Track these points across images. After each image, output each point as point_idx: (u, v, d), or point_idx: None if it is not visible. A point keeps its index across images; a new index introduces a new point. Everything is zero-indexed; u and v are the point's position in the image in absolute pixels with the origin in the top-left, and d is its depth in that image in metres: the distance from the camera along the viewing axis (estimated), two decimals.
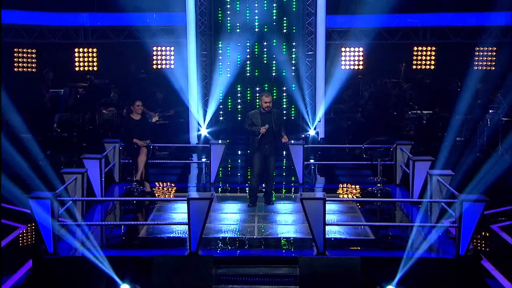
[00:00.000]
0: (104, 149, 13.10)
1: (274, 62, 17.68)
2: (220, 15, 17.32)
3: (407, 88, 18.63)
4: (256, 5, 17.13)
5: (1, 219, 10.65)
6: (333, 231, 10.23)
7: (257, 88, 17.63)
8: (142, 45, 18.60)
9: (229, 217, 11.14)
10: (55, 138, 16.32)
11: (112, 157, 13.21)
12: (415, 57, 19.35)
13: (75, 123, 16.80)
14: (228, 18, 17.29)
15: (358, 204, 11.84)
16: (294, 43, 17.46)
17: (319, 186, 13.79)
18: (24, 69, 18.69)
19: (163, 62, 18.71)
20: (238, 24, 17.36)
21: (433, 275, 9.08)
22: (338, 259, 9.08)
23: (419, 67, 19.37)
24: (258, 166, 11.39)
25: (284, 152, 15.59)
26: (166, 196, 12.89)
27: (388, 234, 10.29)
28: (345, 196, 12.90)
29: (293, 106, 17.85)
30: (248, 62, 17.69)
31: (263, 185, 11.77)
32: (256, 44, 17.63)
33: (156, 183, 13.57)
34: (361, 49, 18.61)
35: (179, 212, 11.25)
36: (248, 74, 17.84)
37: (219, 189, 13.27)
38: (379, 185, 13.00)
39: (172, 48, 18.64)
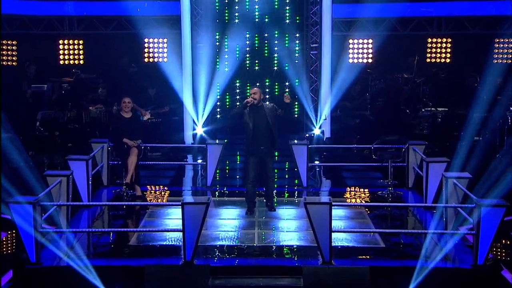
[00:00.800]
0: (91, 150, 13.10)
1: (275, 55, 17.69)
2: (217, 4, 17.33)
3: (421, 83, 18.63)
4: None
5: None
6: (340, 239, 10.23)
7: (258, 84, 17.63)
8: (133, 36, 18.60)
9: (227, 223, 11.14)
10: (37, 138, 16.32)
11: (100, 158, 13.21)
12: (429, 50, 19.33)
13: (60, 121, 16.80)
14: (226, 8, 17.30)
15: (367, 209, 11.85)
16: (297, 35, 17.47)
17: (324, 190, 13.79)
18: (4, 63, 18.68)
19: (156, 55, 18.70)
20: (236, 14, 17.37)
21: (449, 287, 9.08)
22: (345, 269, 9.08)
23: (433, 60, 19.36)
24: (252, 171, 11.35)
25: (287, 153, 15.62)
26: (159, 200, 12.89)
27: (399, 242, 10.29)
28: (353, 200, 12.90)
29: (296, 103, 17.85)
30: (247, 55, 17.70)
31: (264, 188, 11.76)
32: (256, 35, 17.64)
33: (148, 186, 13.57)
34: (370, 41, 18.61)
35: (173, 218, 11.25)
36: (247, 68, 17.84)
37: (216, 193, 13.27)
38: (389, 188, 13.00)
39: (165, 40, 18.64)
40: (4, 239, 10.80)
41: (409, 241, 10.34)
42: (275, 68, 17.70)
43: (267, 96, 17.77)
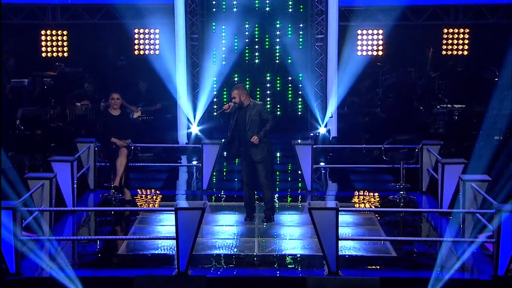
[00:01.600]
0: (77, 150, 13.10)
1: (277, 47, 17.69)
2: None
3: (435, 77, 18.63)
4: None
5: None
6: (348, 247, 10.23)
7: (258, 78, 17.64)
8: (122, 26, 18.59)
9: (225, 230, 11.14)
10: (17, 137, 16.31)
11: (86, 160, 13.21)
12: (444, 41, 19.34)
13: (42, 119, 16.79)
14: None
15: (377, 215, 11.85)
16: (301, 25, 17.47)
17: (330, 194, 13.78)
18: None
19: (147, 47, 18.71)
20: (235, 3, 17.37)
21: None
22: (354, 280, 9.07)
23: (449, 52, 19.36)
24: (244, 174, 11.40)
25: (290, 154, 15.61)
26: (150, 205, 12.89)
27: (412, 251, 10.29)
28: (362, 205, 12.90)
29: (300, 99, 17.86)
30: (247, 47, 17.70)
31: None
32: (256, 26, 17.64)
33: (138, 190, 13.57)
34: (380, 31, 18.61)
35: (166, 224, 11.25)
36: (247, 61, 17.85)
37: (213, 197, 13.27)
38: (401, 192, 13.01)
39: (157, 31, 18.64)
40: None
41: (423, 249, 10.34)
42: (277, 61, 17.70)
43: (268, 92, 17.80)
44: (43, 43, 19.05)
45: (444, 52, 19.37)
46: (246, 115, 11.16)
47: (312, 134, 16.88)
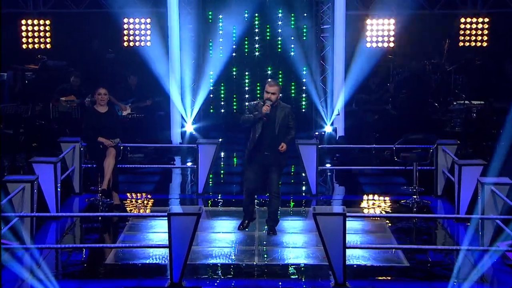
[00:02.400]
0: (61, 151, 13.11)
1: (279, 38, 17.71)
2: None
3: (452, 71, 18.64)
4: None
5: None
6: (356, 256, 10.23)
7: (258, 72, 17.65)
8: (110, 16, 18.61)
9: (222, 237, 11.15)
10: None
11: (70, 161, 13.22)
12: (462, 32, 19.35)
13: (23, 116, 16.79)
14: None
15: (387, 221, 11.85)
16: (305, 14, 17.49)
17: (337, 198, 13.79)
18: None
19: (137, 38, 18.71)
20: None
21: None
22: None
23: (467, 44, 19.38)
24: (251, 181, 11.09)
25: (293, 155, 15.61)
26: (141, 211, 12.90)
27: (426, 260, 10.30)
28: (371, 211, 12.91)
29: (303, 95, 17.87)
30: (246, 39, 17.71)
31: (266, 197, 11.71)
32: (256, 15, 17.65)
33: (128, 194, 13.58)
34: (392, 21, 18.62)
35: (158, 231, 11.26)
36: (246, 54, 17.86)
37: (209, 202, 13.28)
38: (415, 196, 13.01)
39: (148, 21, 18.65)
40: None
41: (438, 259, 10.34)
42: (279, 53, 17.71)
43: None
44: (23, 34, 19.06)
45: (461, 44, 19.38)
46: (276, 117, 10.94)
47: (317, 133, 16.89)
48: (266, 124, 10.92)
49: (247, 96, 17.83)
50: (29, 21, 19.02)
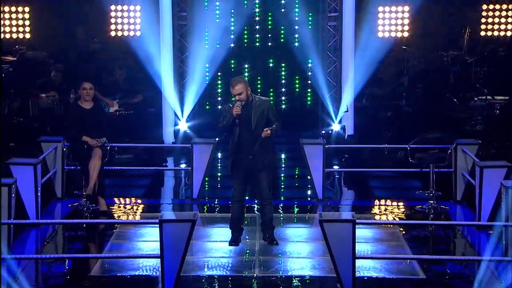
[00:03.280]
0: (41, 151, 13.10)
1: (282, 27, 17.70)
2: None
3: (473, 63, 18.64)
4: None
5: None
6: (366, 267, 10.24)
7: (259, 65, 17.65)
8: (95, 2, 18.61)
9: (219, 247, 11.15)
10: None
11: (52, 162, 13.22)
12: (484, 19, 19.33)
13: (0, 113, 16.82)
14: None
15: (401, 228, 11.85)
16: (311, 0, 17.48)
17: (346, 204, 13.80)
18: None
19: (125, 27, 18.69)
20: None
21: None
22: None
23: (489, 33, 19.36)
24: (238, 189, 11.06)
25: (297, 155, 15.62)
26: (130, 217, 12.90)
27: (444, 272, 10.30)
28: (383, 217, 12.91)
29: (309, 90, 17.86)
30: (245, 28, 17.71)
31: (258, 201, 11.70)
32: (257, 2, 17.65)
33: (116, 198, 13.58)
34: (406, 8, 18.60)
35: (148, 240, 11.27)
36: (245, 45, 17.86)
37: (205, 207, 13.29)
38: (431, 201, 13.01)
39: (137, 8, 18.62)
40: None
41: (457, 270, 10.35)
42: (282, 44, 17.71)
43: (271, 81, 17.80)
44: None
45: (482, 33, 19.36)
46: (251, 113, 10.87)
47: (323, 132, 16.90)
48: (242, 125, 10.88)
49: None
50: (6, 8, 18.99)
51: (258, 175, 11.01)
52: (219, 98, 18.20)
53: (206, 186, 14.19)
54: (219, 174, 15.52)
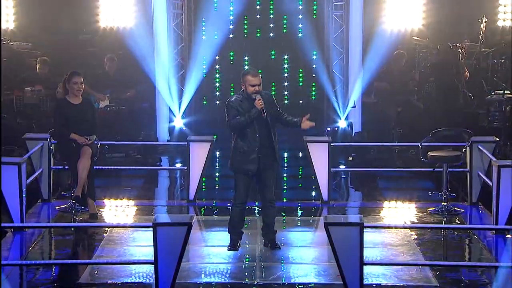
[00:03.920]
0: (27, 149, 13.11)
1: (285, 17, 17.71)
2: None
3: (489, 55, 18.64)
4: None
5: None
6: (375, 274, 10.25)
7: (260, 57, 17.66)
8: None
9: (217, 252, 11.16)
10: None
11: (38, 162, 13.23)
12: (502, 8, 19.34)
13: None
14: None
15: (412, 232, 11.87)
16: None
17: (352, 206, 13.82)
18: None
19: (116, 17, 18.70)
20: None
21: None
22: None
23: (508, 23, 19.36)
24: (242, 190, 11.06)
25: (301, 154, 15.63)
26: (121, 220, 12.92)
27: (459, 279, 10.31)
28: (393, 220, 12.92)
29: (313, 83, 17.87)
30: (245, 17, 17.72)
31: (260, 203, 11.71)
32: None
33: (106, 200, 13.59)
34: None
35: (141, 244, 11.28)
36: (245, 35, 17.87)
37: (202, 209, 13.30)
38: (445, 203, 13.03)
39: None
40: None
41: (472, 277, 10.35)
42: (284, 35, 17.72)
43: (272, 75, 17.80)
44: None
45: (501, 23, 19.37)
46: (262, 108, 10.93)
47: (329, 129, 16.91)
48: (259, 121, 10.93)
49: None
50: None
51: (263, 174, 11.03)
52: (217, 93, 18.18)
53: (203, 187, 14.20)
54: (217, 174, 15.53)
